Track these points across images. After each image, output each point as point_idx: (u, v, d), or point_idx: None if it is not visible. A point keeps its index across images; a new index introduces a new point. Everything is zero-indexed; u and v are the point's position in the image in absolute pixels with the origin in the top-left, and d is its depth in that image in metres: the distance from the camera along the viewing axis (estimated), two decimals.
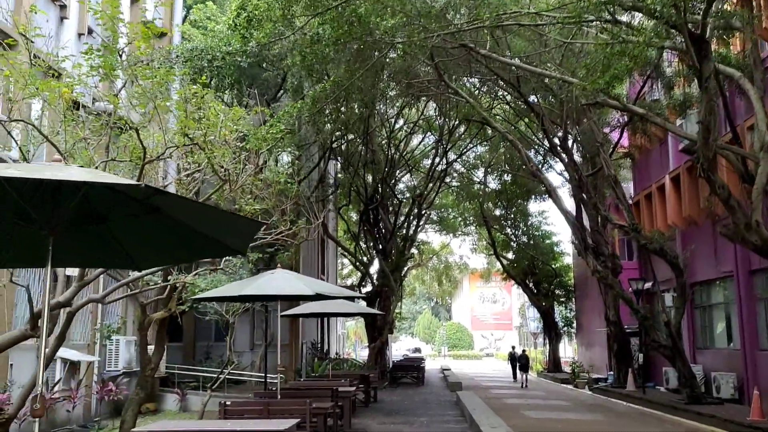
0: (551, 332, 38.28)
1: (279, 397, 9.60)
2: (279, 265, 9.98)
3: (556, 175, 49.22)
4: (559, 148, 21.73)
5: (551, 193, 20.49)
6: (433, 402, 18.74)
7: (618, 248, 29.06)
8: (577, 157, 24.18)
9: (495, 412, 13.32)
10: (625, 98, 18.01)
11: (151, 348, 12.96)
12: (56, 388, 13.19)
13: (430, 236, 47.15)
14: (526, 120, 27.39)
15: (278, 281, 9.28)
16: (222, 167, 8.85)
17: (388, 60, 17.07)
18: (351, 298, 10.18)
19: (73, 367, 13.75)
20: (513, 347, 36.24)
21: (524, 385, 29.19)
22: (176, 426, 7.42)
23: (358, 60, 14.76)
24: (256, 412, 8.87)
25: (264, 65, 19.68)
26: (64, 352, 13.67)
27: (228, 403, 8.91)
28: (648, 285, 23.17)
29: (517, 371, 31.11)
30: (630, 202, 25.58)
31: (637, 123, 19.80)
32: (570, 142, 21.47)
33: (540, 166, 33.13)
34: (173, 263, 5.48)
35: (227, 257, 13.63)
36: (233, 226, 4.55)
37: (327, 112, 17.72)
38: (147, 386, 12.13)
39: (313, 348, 28.72)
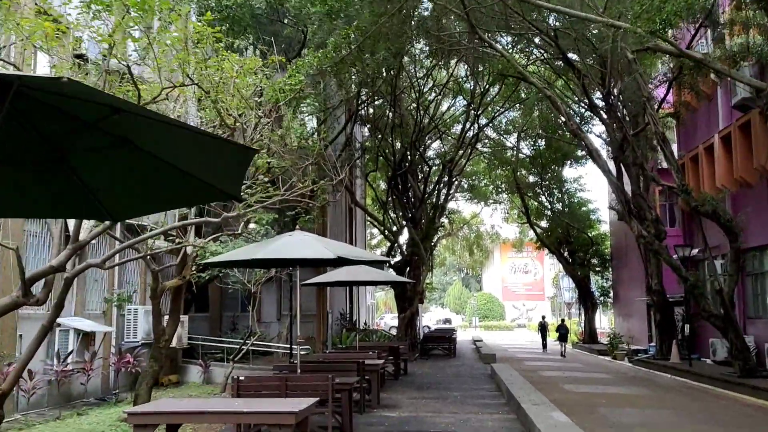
0: (587, 302, 37.05)
1: (299, 371, 8.69)
2: (298, 228, 8.99)
3: (594, 137, 47.16)
4: (601, 105, 20.33)
5: (592, 153, 19.16)
6: (466, 375, 17.82)
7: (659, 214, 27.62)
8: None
9: (533, 387, 12.33)
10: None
11: (170, 318, 12.19)
12: (69, 360, 12.54)
13: (461, 205, 46.07)
14: (563, 80, 25.93)
15: (295, 244, 8.32)
16: (231, 115, 7.88)
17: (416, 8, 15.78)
18: (378, 263, 9.19)
19: (86, 338, 13.08)
20: (543, 317, 36.67)
21: (563, 354, 30.01)
22: (174, 407, 6.55)
23: (384, 3, 13.56)
24: (273, 388, 8.00)
25: (285, 21, 18.57)
26: (76, 322, 13.02)
27: (242, 378, 8.03)
28: (694, 251, 21.82)
29: (548, 341, 32.63)
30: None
31: (686, 77, 18.29)
32: (612, 100, 20.00)
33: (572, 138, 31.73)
34: (154, 211, 4.45)
35: (248, 224, 12.77)
36: (222, 156, 3.56)
37: (350, 62, 16.47)
38: (161, 358, 11.39)
39: (341, 318, 28.00)
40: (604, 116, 20.63)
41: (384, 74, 21.03)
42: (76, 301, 13.59)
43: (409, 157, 25.84)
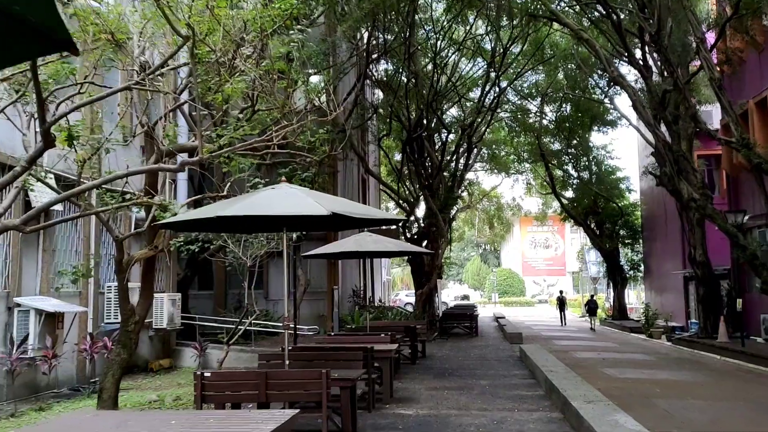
0: (616, 277, 34.82)
1: (287, 363, 6.71)
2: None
3: (625, 98, 43.67)
4: (640, 57, 18.00)
5: (635, 104, 16.87)
6: (492, 358, 15.83)
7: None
8: (655, 69, 20.36)
9: (578, 375, 10.30)
10: None
11: (141, 296, 10.24)
12: (28, 346, 10.69)
13: (480, 177, 43.75)
14: (597, 32, 23.50)
15: (277, 198, 6.31)
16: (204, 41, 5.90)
17: None
18: (387, 222, 7.15)
19: (52, 320, 11.21)
20: (561, 292, 36.60)
21: (592, 328, 30.89)
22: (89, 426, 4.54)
23: None
24: (249, 387, 6.05)
25: None
26: (38, 302, 11.15)
27: (207, 374, 6.08)
28: (746, 218, 19.56)
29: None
30: (721, 122, 21.76)
31: (745, 18, 15.90)
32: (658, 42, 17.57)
33: (606, 92, 29.32)
34: None
35: (228, 178, 10.73)
36: None
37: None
38: (130, 344, 9.47)
39: (354, 295, 26.11)
40: (643, 69, 18.29)
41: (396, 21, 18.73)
42: (41, 278, 11.73)
43: (425, 120, 23.60)
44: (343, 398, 6.66)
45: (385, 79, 24.97)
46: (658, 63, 18.89)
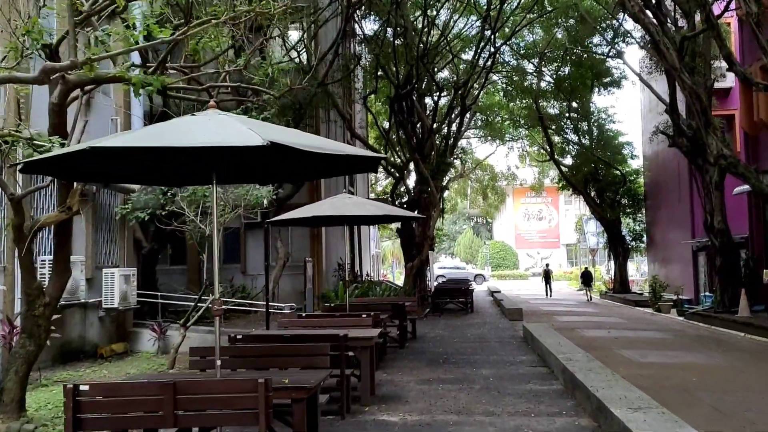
0: (617, 248, 32.95)
1: (218, 365, 4.65)
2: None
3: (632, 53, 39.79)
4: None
5: (658, 45, 14.76)
6: (493, 338, 13.88)
7: None
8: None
9: (609, 370, 8.34)
10: None
11: (54, 271, 8.20)
12: None
13: (474, 145, 41.64)
14: None
15: (202, 126, 4.24)
16: None
17: None
18: (361, 163, 5.06)
19: None
20: (547, 264, 38.78)
21: (589, 299, 31.63)
22: None
23: None
24: (148, 406, 4.01)
25: None
26: None
27: (84, 388, 4.02)
28: None
29: (548, 286, 34.45)
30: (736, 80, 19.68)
31: None
32: None
33: (613, 44, 27.15)
34: None
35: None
36: None
37: None
38: (39, 333, 7.42)
39: (339, 269, 24.11)
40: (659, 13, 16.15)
41: None
42: None
43: (415, 73, 21.34)
44: (296, 414, 4.65)
45: (371, 34, 22.74)
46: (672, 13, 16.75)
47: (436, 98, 25.16)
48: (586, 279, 32.85)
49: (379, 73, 22.29)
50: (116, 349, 13.74)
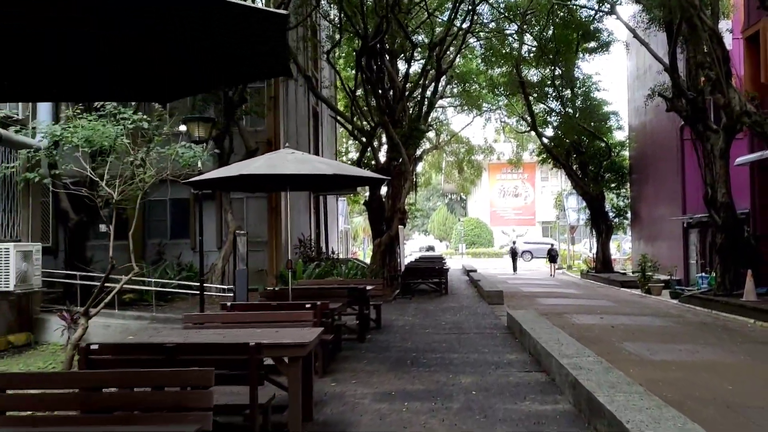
0: (600, 225, 31.03)
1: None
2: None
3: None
4: None
5: None
6: (472, 328, 11.72)
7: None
8: None
9: (632, 380, 6.18)
10: None
11: None
12: None
13: (450, 115, 39.24)
14: None
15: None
16: None
17: None
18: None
19: None
20: (514, 242, 42.00)
21: (552, 275, 33.33)
22: None
23: None
24: None
25: None
26: None
27: None
28: None
29: (515, 263, 37.05)
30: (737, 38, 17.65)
31: None
32: None
33: (598, 7, 24.98)
34: None
35: None
36: None
37: None
38: None
39: (301, 246, 21.82)
40: None
41: None
42: None
43: (385, 26, 18.88)
44: None
45: None
46: None
47: (409, 57, 22.74)
48: (553, 255, 34.64)
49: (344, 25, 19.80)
50: (15, 340, 11.32)
